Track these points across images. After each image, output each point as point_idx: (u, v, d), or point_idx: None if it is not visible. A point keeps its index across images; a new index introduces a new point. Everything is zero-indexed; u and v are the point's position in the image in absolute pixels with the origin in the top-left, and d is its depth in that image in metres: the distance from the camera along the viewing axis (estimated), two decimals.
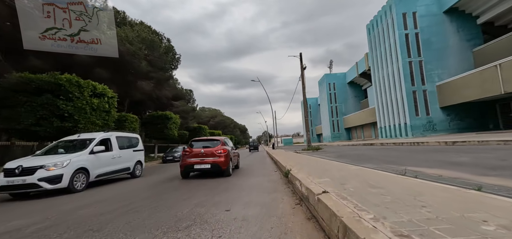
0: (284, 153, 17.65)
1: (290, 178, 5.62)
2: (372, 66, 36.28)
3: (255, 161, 14.15)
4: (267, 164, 11.48)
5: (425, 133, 27.48)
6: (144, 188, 6.48)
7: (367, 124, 51.38)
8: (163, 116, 23.73)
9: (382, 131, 34.94)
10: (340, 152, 15.22)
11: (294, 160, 9.44)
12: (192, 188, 5.80)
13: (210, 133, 45.74)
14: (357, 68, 54.51)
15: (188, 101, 34.81)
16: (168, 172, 10.82)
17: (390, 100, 31.77)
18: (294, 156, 12.37)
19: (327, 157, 11.63)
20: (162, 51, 20.20)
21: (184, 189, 5.80)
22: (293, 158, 11.14)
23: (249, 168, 10.19)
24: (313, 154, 14.11)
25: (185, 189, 5.79)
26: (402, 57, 28.28)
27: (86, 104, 11.26)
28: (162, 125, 23.64)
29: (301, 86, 19.67)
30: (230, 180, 6.87)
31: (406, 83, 28.11)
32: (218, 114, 72.35)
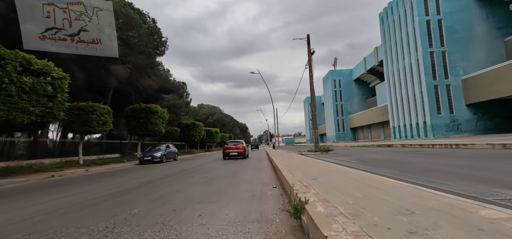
0: (287, 155, 14.34)
1: (308, 224, 2.31)
2: (384, 59, 32.80)
3: (245, 165, 10.90)
4: (262, 171, 8.19)
5: (447, 133, 24.02)
6: None
7: (375, 124, 47.91)
8: (147, 109, 20.49)
9: (395, 131, 31.47)
10: (358, 155, 11.89)
11: (304, 169, 6.15)
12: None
13: (207, 131, 42.62)
14: (365, 64, 51.01)
15: (181, 96, 31.65)
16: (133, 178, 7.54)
17: (406, 96, 28.30)
18: (301, 161, 9.07)
19: (347, 163, 8.30)
20: (144, 32, 17.02)
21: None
22: (301, 164, 7.85)
23: (225, 179, 6.89)
24: (325, 158, 10.83)
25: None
26: (423, 47, 24.82)
27: (10, 83, 7.98)
28: (146, 119, 20.43)
29: (309, 74, 16.38)
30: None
31: (427, 76, 24.65)
32: (217, 112, 69.16)
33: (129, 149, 23.37)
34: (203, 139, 40.10)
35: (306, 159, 9.67)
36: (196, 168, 10.31)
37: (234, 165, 10.88)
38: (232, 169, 9.29)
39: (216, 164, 11.88)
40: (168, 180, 6.80)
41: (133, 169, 11.41)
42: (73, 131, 15.31)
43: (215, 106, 74.25)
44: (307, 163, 7.85)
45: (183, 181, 6.38)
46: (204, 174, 7.91)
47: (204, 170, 9.18)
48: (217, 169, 9.59)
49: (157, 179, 7.15)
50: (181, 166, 11.29)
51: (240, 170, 8.79)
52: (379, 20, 33.09)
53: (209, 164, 12.11)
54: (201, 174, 7.84)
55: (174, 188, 5.47)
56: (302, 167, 6.66)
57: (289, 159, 10.23)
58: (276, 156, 12.56)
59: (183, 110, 31.67)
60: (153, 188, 5.52)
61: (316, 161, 8.83)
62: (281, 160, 9.71)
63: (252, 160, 13.73)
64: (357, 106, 59.37)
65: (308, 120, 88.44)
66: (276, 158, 11.15)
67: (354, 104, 59.81)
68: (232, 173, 7.81)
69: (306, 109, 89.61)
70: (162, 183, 6.19)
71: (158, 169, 10.22)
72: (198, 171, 8.78)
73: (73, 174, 10.24)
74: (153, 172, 9.37)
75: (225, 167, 10.21)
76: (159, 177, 7.51)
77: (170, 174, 8.20)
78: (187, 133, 32.09)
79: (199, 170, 9.21)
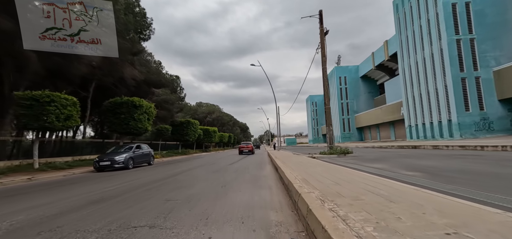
0: (296, 159, 11.30)
1: None
2: (399, 51, 29.66)
3: (241, 175, 7.86)
4: (266, 187, 5.15)
5: (477, 133, 20.87)
6: None
7: (384, 123, 44.75)
8: (129, 102, 17.48)
9: (411, 131, 28.30)
10: (394, 160, 8.83)
11: (340, 193, 3.04)
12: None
13: (204, 130, 39.63)
14: (373, 59, 47.87)
15: (174, 91, 28.63)
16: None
17: (425, 92, 25.16)
18: (324, 171, 6.03)
19: (397, 174, 5.20)
20: (121, 7, 14.08)
21: None
22: (325, 176, 4.80)
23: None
24: (351, 164, 7.76)
25: None
26: (448, 34, 21.68)
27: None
28: (127, 115, 17.44)
29: (321, 58, 13.31)
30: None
31: (453, 68, 21.51)
32: (216, 110, 66.16)
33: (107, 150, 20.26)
34: (200, 139, 37.10)
35: (328, 167, 6.59)
36: (171, 178, 7.25)
37: (225, 174, 7.83)
38: (222, 180, 6.23)
39: (204, 172, 8.83)
40: (93, 210, 3.74)
41: (75, 180, 8.30)
42: (24, 127, 12.26)
43: (214, 104, 71.31)
44: (335, 175, 4.77)
45: (120, 213, 3.32)
46: (173, 192, 4.85)
47: (179, 183, 6.12)
48: (200, 180, 6.53)
49: (71, 209, 4.10)
50: (152, 175, 8.22)
51: (232, 183, 5.72)
52: (393, 8, 29.95)
53: (196, 171, 9.06)
54: (167, 192, 4.78)
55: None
56: (332, 187, 3.59)
57: (301, 166, 7.16)
58: (281, 161, 9.50)
59: (176, 106, 28.64)
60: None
61: (345, 170, 5.74)
62: (292, 168, 6.65)
63: (252, 166, 10.66)
64: (364, 105, 56.22)
65: (311, 119, 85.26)
66: (282, 163, 8.11)
67: (360, 102, 56.67)
68: (217, 193, 4.73)
69: (309, 108, 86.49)
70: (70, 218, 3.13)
71: (108, 181, 7.13)
72: (167, 186, 5.72)
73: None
74: (85, 188, 6.29)
75: (212, 177, 7.16)
76: (80, 205, 4.44)
77: (111, 195, 5.10)
78: (180, 132, 29.07)
79: (171, 183, 6.15)
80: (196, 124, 31.75)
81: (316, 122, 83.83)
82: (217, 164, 12.33)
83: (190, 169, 9.87)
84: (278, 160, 9.76)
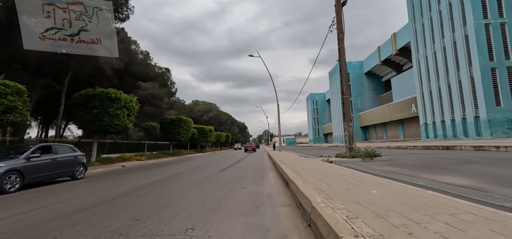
0: (302, 163, 8.52)
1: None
2: (413, 41, 26.88)
3: (232, 192, 5.05)
4: (269, 215, 2.28)
5: (510, 131, 18.14)
6: None
7: (392, 122, 42.03)
8: (103, 94, 14.63)
9: (427, 130, 25.54)
10: (450, 167, 6.05)
11: None
12: None
13: (199, 129, 36.76)
14: (379, 54, 45.12)
15: (164, 85, 25.73)
16: None
17: (445, 85, 22.40)
18: (368, 188, 3.11)
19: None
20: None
21: None
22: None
23: None
24: (393, 174, 4.94)
25: None
26: (475, 18, 18.92)
27: None
28: (101, 109, 14.58)
29: (337, 35, 10.50)
30: None
31: (481, 56, 18.76)
32: (213, 109, 63.22)
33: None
34: (194, 138, 34.20)
35: (371, 181, 3.75)
36: (102, 205, 4.38)
37: (209, 190, 4.98)
38: (195, 209, 3.35)
39: (180, 185, 5.94)
40: None
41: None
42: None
43: (211, 103, 68.36)
44: (399, 199, 1.86)
45: None
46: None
47: (103, 222, 3.24)
48: (159, 209, 3.62)
49: None
50: (52, 207, 5.36)
51: (212, 218, 2.83)
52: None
53: (167, 186, 6.17)
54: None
55: None
56: None
57: (325, 177, 4.31)
58: (291, 168, 6.67)
59: (166, 102, 25.70)
60: None
61: (406, 190, 2.83)
62: (312, 182, 3.78)
63: (249, 173, 7.78)
64: (368, 103, 53.53)
65: (312, 118, 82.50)
66: (294, 173, 5.30)
67: (364, 100, 53.95)
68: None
69: (309, 107, 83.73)
70: None
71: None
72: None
73: None
74: None
75: (185, 199, 4.25)
76: None
77: None
78: (171, 131, 26.16)
79: (84, 223, 3.28)
80: (189, 122, 28.84)
81: (317, 121, 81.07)
82: (206, 169, 9.48)
83: (163, 180, 6.99)
84: (286, 167, 6.90)
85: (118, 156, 18.82)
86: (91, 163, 15.06)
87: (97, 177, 8.72)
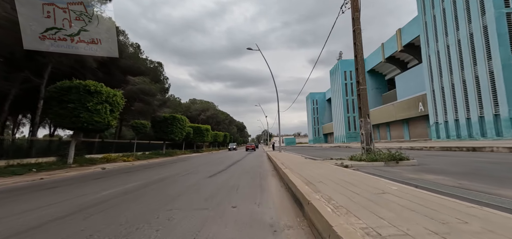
0: (313, 169, 6.84)
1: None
2: (423, 35, 25.22)
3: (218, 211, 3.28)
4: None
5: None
6: None
7: (396, 122, 40.40)
8: (80, 87, 12.90)
9: (439, 129, 23.87)
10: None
11: None
12: None
13: (194, 128, 34.99)
14: (383, 51, 43.48)
15: (156, 80, 23.90)
16: None
17: (459, 81, 20.74)
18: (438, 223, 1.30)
19: None
20: None
21: None
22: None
23: None
24: (443, 188, 3.26)
25: None
26: (495, 6, 17.25)
27: None
28: (78, 103, 12.84)
29: (352, 14, 8.78)
30: None
31: (502, 48, 17.10)
32: (210, 107, 61.46)
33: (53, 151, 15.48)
34: (189, 138, 32.43)
35: (434, 203, 2.04)
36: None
37: (188, 210, 3.21)
38: None
39: (151, 197, 4.17)
40: None
41: None
42: None
43: (208, 101, 66.62)
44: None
45: None
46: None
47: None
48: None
49: None
50: None
51: None
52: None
53: (137, 198, 4.39)
54: None
55: None
56: None
57: (352, 194, 2.59)
58: (296, 173, 4.95)
59: (158, 99, 23.88)
60: None
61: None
62: (346, 206, 2.05)
63: (243, 180, 6.01)
64: (371, 102, 51.71)
65: (311, 118, 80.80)
66: (300, 179, 3.60)
67: (368, 98, 52.22)
68: None
69: (309, 107, 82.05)
70: None
71: None
72: None
73: None
74: None
75: (141, 230, 2.51)
76: None
77: None
78: (163, 130, 24.37)
79: None
80: (184, 120, 27.04)
81: (317, 121, 79.39)
82: (195, 174, 7.72)
83: (135, 189, 5.18)
84: (291, 173, 5.16)
85: (103, 157, 17.07)
86: (67, 165, 13.33)
87: (54, 184, 6.92)
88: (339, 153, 17.29)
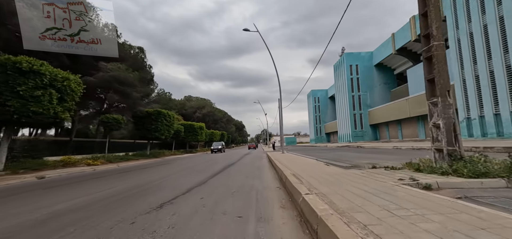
0: (381, 201, 3.01)
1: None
2: (450, 15, 21.61)
3: None
4: None
5: None
6: None
7: (409, 119, 36.88)
8: (8, 65, 9.34)
9: (471, 126, 20.30)
10: None
11: None
12: None
13: (186, 125, 31.33)
14: (394, 42, 39.89)
15: (137, 68, 20.19)
16: None
17: (500, 68, 17.19)
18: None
19: None
20: None
21: None
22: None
23: None
24: None
25: None
26: None
27: None
28: (4, 87, 9.30)
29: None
30: None
31: None
32: (207, 105, 57.81)
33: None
34: (180, 137, 28.74)
35: None
36: None
37: None
38: None
39: None
40: None
41: None
42: None
43: (205, 98, 62.97)
44: None
45: None
46: None
47: None
48: None
49: None
50: None
51: None
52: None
53: None
54: None
55: None
56: None
57: None
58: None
59: (140, 91, 20.13)
60: None
61: None
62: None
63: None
64: (378, 98, 48.39)
65: (313, 116, 77.18)
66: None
67: (374, 95, 48.77)
68: None
69: (311, 105, 78.42)
70: None
71: None
72: None
73: None
74: None
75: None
76: None
77: None
78: (146, 127, 20.68)
79: None
80: (171, 116, 23.33)
81: (319, 119, 75.82)
82: (160, 190, 4.02)
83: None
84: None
85: (60, 160, 13.38)
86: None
87: None
88: (357, 154, 13.66)
